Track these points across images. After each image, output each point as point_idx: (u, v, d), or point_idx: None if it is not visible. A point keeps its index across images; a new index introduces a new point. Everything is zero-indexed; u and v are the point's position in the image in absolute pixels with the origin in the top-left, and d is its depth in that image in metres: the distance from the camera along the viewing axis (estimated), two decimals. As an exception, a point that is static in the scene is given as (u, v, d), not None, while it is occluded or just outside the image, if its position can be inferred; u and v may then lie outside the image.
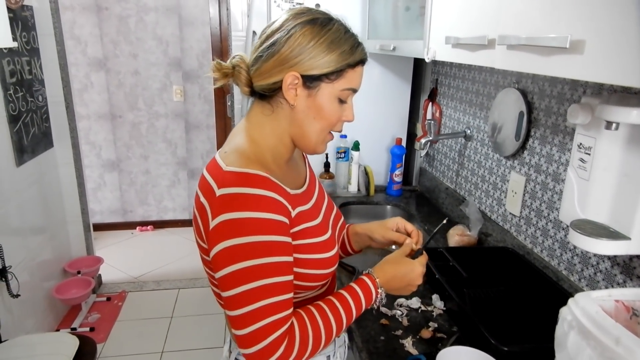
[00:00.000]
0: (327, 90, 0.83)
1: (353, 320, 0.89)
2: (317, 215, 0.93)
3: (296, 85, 0.82)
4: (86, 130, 3.74)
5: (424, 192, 2.18)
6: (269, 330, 0.75)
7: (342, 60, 0.82)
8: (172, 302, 2.99)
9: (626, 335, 0.67)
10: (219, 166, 0.82)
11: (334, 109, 0.85)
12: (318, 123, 0.86)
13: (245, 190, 0.76)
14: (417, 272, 0.94)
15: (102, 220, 3.96)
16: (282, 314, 0.77)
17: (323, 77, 0.82)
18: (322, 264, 0.90)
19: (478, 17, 1.01)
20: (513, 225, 1.46)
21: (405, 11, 1.59)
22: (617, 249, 0.88)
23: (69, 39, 3.46)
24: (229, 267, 0.75)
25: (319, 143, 0.89)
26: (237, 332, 0.76)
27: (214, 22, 3.67)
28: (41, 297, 2.48)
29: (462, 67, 1.80)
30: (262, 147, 0.86)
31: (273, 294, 0.76)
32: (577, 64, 0.68)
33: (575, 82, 1.17)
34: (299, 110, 0.85)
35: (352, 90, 0.86)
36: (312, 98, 0.83)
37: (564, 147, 1.21)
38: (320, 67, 0.81)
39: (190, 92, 3.84)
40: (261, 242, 0.75)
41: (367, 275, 0.92)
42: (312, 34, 0.81)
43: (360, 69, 0.86)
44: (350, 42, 0.83)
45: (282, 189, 0.81)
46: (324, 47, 0.81)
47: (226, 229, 0.75)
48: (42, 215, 2.52)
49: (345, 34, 0.84)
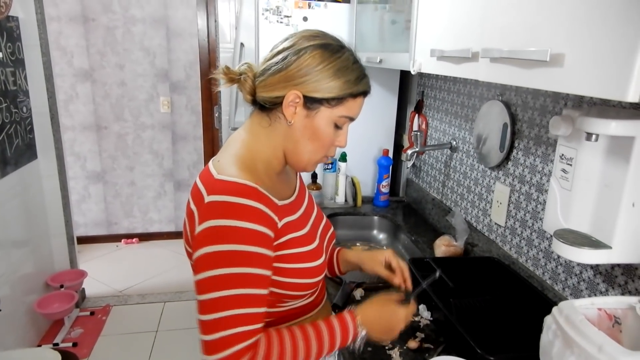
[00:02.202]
0: (325, 114, 0.86)
1: (325, 354, 0.87)
2: (305, 225, 0.94)
3: (297, 104, 0.85)
4: (71, 142, 3.69)
5: (411, 203, 2.20)
6: (235, 341, 0.75)
7: (345, 88, 0.85)
8: (158, 316, 2.95)
9: (608, 342, 0.68)
10: (211, 174, 0.84)
11: (328, 133, 0.88)
12: (311, 144, 0.88)
13: (233, 199, 0.77)
14: (399, 317, 0.93)
15: (86, 233, 3.90)
16: (250, 327, 0.77)
17: (324, 101, 0.85)
18: (309, 273, 0.90)
19: (462, 30, 1.03)
20: (498, 235, 1.47)
21: (391, 24, 1.62)
22: (599, 258, 0.89)
23: (55, 50, 3.43)
24: (206, 271, 0.76)
25: (310, 163, 0.91)
26: (203, 337, 0.77)
27: (202, 34, 3.68)
28: (22, 312, 2.42)
29: (448, 79, 1.83)
30: (255, 157, 0.88)
31: (246, 304, 0.76)
32: (557, 77, 0.70)
33: (556, 95, 1.20)
34: (295, 128, 0.87)
35: (349, 118, 0.89)
36: (309, 119, 0.86)
37: (547, 158, 1.23)
38: (323, 91, 0.84)
39: (178, 103, 3.83)
40: (242, 251, 0.76)
41: (349, 312, 0.91)
42: (322, 57, 0.83)
43: (361, 99, 0.89)
44: (356, 73, 0.86)
45: (269, 200, 0.82)
46: (330, 73, 0.83)
47: (210, 235, 0.77)
48: (24, 228, 2.47)
49: (353, 64, 0.87)
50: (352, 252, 1.14)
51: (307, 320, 0.98)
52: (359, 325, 0.89)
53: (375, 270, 1.07)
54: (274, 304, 0.90)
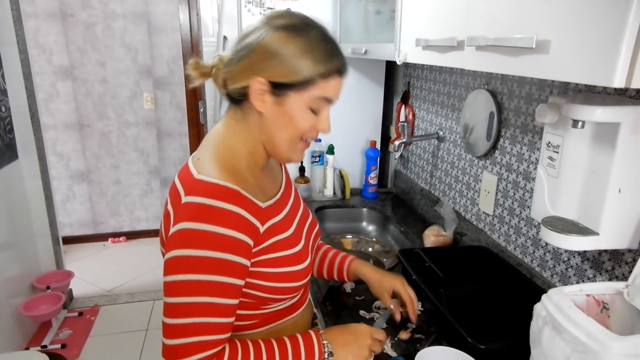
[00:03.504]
0: (296, 100, 0.79)
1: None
2: (290, 226, 0.90)
3: (264, 92, 0.78)
4: (53, 141, 3.62)
5: (400, 193, 2.20)
6: (197, 349, 0.73)
7: (312, 70, 0.77)
8: (147, 315, 2.92)
9: (597, 328, 0.69)
10: (191, 174, 0.80)
11: (305, 119, 0.81)
12: (287, 132, 0.82)
13: (212, 203, 0.73)
14: (363, 328, 0.91)
15: (72, 233, 3.84)
16: (214, 337, 0.74)
17: (292, 86, 0.78)
18: (294, 277, 0.86)
19: (447, 19, 1.02)
20: (487, 224, 1.48)
21: (376, 15, 1.61)
22: (587, 244, 0.90)
23: (33, 48, 3.35)
24: (176, 275, 0.73)
25: (291, 152, 0.85)
26: (165, 341, 0.74)
27: (184, 28, 3.62)
28: (8, 315, 2.37)
29: (434, 69, 1.83)
30: (235, 154, 0.83)
31: (212, 314, 0.73)
32: (543, 64, 0.69)
33: (542, 83, 1.20)
34: (267, 117, 0.81)
35: (325, 101, 0.81)
36: (280, 107, 0.79)
37: (534, 146, 1.24)
38: (289, 75, 0.77)
39: (162, 99, 3.78)
40: (215, 258, 0.72)
41: (314, 330, 0.88)
42: (285, 39, 0.77)
43: (335, 79, 0.81)
44: (325, 51, 0.79)
45: (252, 204, 0.78)
46: (294, 54, 0.76)
47: (183, 238, 0.73)
48: (7, 230, 2.42)
49: (321, 41, 0.79)
50: (364, 269, 1.10)
51: (290, 321, 0.96)
52: (323, 341, 0.85)
53: (381, 298, 1.07)
54: (257, 306, 0.87)
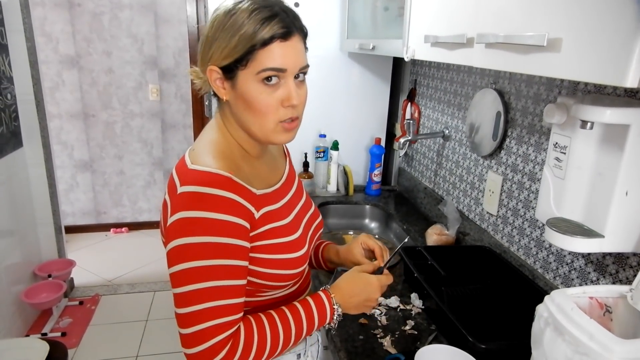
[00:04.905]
0: (244, 78, 0.78)
1: (304, 335, 0.86)
2: (287, 215, 0.91)
3: (220, 80, 0.81)
4: (57, 130, 3.63)
5: (403, 191, 2.19)
6: (213, 333, 0.74)
7: (245, 42, 0.76)
8: (148, 305, 2.93)
9: (600, 331, 0.68)
10: (185, 164, 0.82)
11: (262, 96, 0.79)
12: (251, 113, 0.81)
13: (206, 190, 0.75)
14: (373, 286, 0.91)
15: (74, 223, 3.85)
16: (228, 318, 0.76)
17: (236, 66, 0.78)
18: (290, 264, 0.88)
19: (457, 15, 1.01)
20: (490, 224, 1.47)
21: (384, 11, 1.60)
22: (591, 246, 0.89)
23: (39, 36, 3.34)
24: (180, 264, 0.75)
25: (268, 133, 0.82)
26: (182, 331, 0.75)
27: (191, 20, 3.61)
28: (9, 302, 2.38)
29: (441, 67, 1.82)
30: (229, 144, 0.86)
31: (221, 296, 0.75)
32: (554, 62, 0.69)
33: (550, 83, 1.19)
34: (232, 104, 0.83)
35: (274, 70, 0.78)
36: (235, 90, 0.80)
37: (540, 147, 1.23)
38: (229, 55, 0.77)
39: (167, 91, 3.77)
40: (215, 243, 0.75)
41: (323, 291, 0.90)
42: (217, 22, 0.79)
43: (275, 45, 0.77)
44: (253, 22, 0.76)
45: (245, 190, 0.80)
46: (227, 34, 0.77)
47: (182, 227, 0.75)
48: (10, 217, 2.43)
49: (250, 13, 0.76)
50: (333, 252, 1.10)
51: None
52: (334, 303, 0.88)
53: (355, 262, 1.04)
54: (253, 293, 0.88)
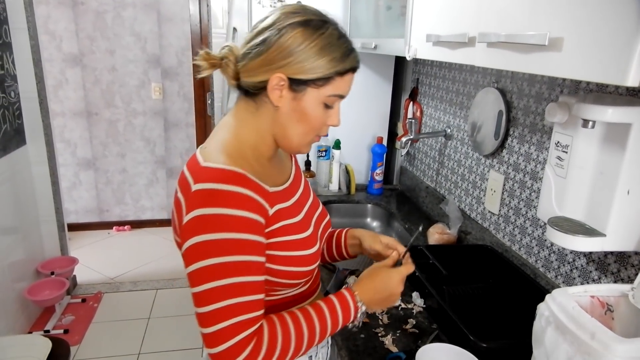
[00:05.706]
0: (313, 95, 0.82)
1: (328, 335, 0.86)
2: (299, 213, 0.92)
3: (282, 87, 0.81)
4: (61, 128, 3.64)
5: (405, 190, 2.19)
6: (236, 330, 0.73)
7: (331, 67, 0.80)
8: (150, 303, 2.94)
9: (601, 330, 0.68)
10: (198, 162, 0.82)
11: (318, 114, 0.84)
12: (301, 126, 0.85)
13: (221, 187, 0.75)
14: (395, 280, 0.91)
15: (77, 220, 3.86)
16: (250, 315, 0.75)
17: (310, 82, 0.80)
18: (302, 261, 0.88)
19: (459, 15, 1.02)
20: (492, 223, 1.47)
21: (386, 10, 1.59)
22: (593, 245, 0.89)
23: (43, 34, 3.36)
24: (198, 262, 0.74)
25: (302, 145, 0.88)
26: (204, 330, 0.75)
27: (194, 19, 3.62)
28: (12, 299, 2.40)
29: (443, 66, 1.81)
30: (243, 143, 0.85)
31: (242, 293, 0.74)
32: (555, 62, 0.69)
33: (552, 82, 1.19)
34: (282, 111, 0.83)
35: (339, 97, 0.85)
36: (297, 101, 0.82)
37: (542, 146, 1.23)
38: (308, 71, 0.79)
39: (170, 89, 3.78)
40: (233, 239, 0.74)
41: (347, 289, 0.90)
42: (304, 36, 0.79)
43: (349, 76, 0.84)
44: (342, 49, 0.81)
45: (259, 187, 0.80)
46: (314, 52, 0.79)
47: (198, 224, 0.74)
48: (13, 215, 2.44)
49: (338, 39, 0.81)
50: (357, 230, 1.13)
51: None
52: (358, 301, 0.88)
53: (374, 246, 1.06)
54: (266, 292, 0.88)
